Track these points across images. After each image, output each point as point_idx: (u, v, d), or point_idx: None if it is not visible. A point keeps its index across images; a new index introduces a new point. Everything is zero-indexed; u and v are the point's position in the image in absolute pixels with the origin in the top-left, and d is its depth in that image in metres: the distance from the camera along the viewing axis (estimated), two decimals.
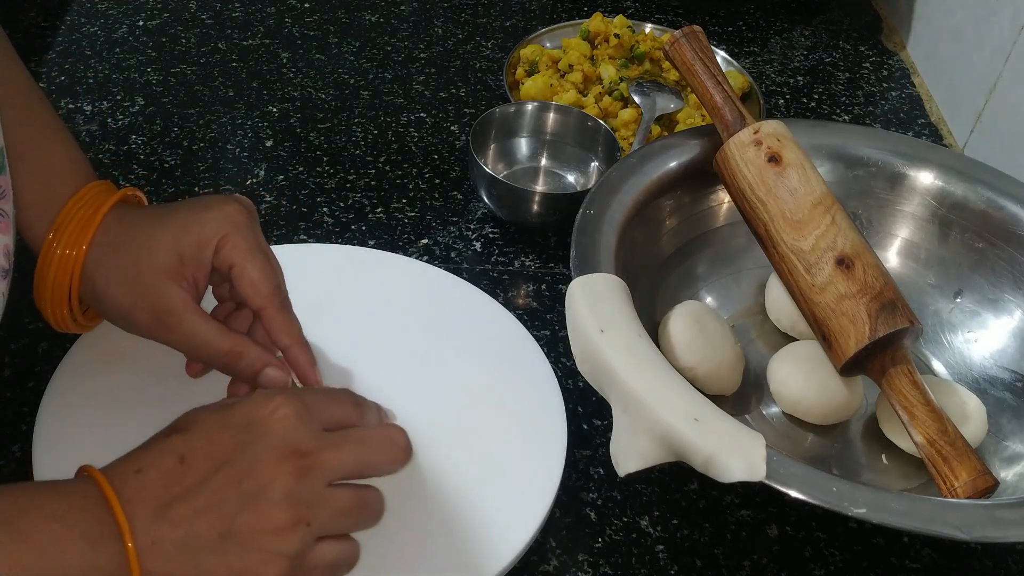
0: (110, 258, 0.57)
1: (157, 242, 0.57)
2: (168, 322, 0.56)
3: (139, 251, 0.57)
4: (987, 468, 0.61)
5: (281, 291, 0.58)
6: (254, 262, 0.57)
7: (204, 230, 0.57)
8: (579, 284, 0.62)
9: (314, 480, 0.48)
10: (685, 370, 0.66)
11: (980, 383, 0.71)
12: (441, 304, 0.72)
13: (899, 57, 1.11)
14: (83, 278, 0.58)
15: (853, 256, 0.65)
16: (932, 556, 0.64)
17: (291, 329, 0.58)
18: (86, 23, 1.02)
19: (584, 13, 1.07)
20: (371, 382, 0.65)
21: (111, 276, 0.57)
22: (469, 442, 0.63)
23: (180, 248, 0.56)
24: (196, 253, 0.56)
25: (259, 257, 0.57)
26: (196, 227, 0.57)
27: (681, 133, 0.78)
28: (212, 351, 0.57)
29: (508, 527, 0.59)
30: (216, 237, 0.56)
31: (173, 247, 0.56)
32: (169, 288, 0.56)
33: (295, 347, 0.58)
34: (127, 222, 0.59)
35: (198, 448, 0.47)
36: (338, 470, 0.49)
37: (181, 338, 0.57)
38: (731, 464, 0.53)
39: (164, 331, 0.57)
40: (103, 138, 0.88)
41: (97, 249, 0.58)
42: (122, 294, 0.57)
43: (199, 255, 0.56)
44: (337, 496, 0.49)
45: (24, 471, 0.59)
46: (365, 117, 0.94)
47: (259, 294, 0.57)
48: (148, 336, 0.58)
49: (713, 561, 0.62)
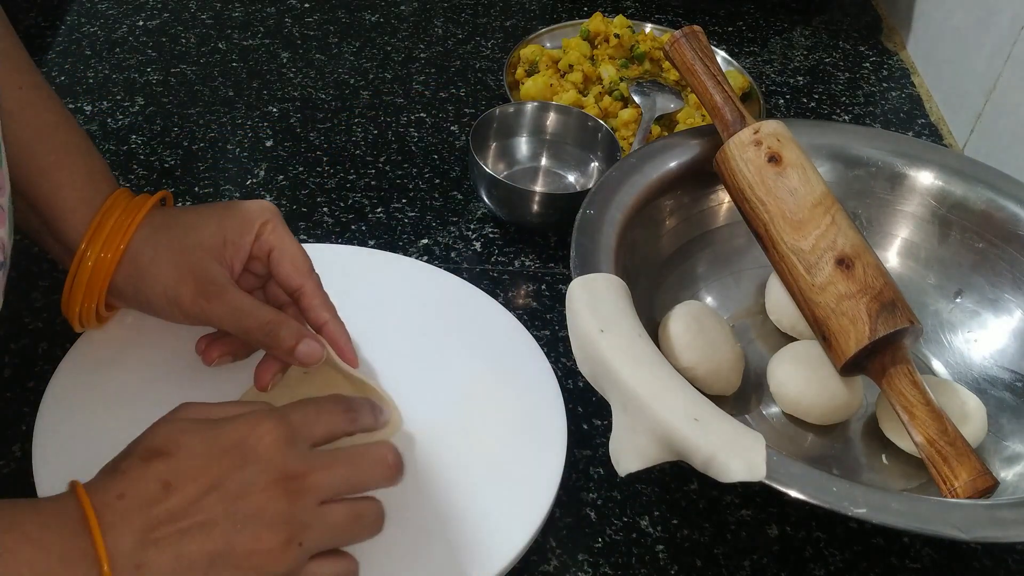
0: (157, 236, 0.60)
1: (204, 224, 0.61)
2: (212, 291, 0.59)
3: (187, 231, 0.61)
4: (987, 468, 0.61)
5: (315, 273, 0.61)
6: (293, 244, 0.61)
7: (247, 215, 0.61)
8: (579, 284, 0.62)
9: (305, 501, 0.48)
10: (685, 370, 0.66)
11: (980, 383, 0.71)
12: (441, 304, 0.72)
13: (899, 57, 1.11)
14: (124, 262, 0.60)
15: (853, 256, 0.65)
16: (932, 556, 0.64)
17: (329, 305, 0.61)
18: (86, 23, 1.02)
19: (584, 13, 1.07)
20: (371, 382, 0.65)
21: (159, 251, 0.60)
22: (469, 442, 0.63)
23: (224, 230, 0.60)
24: (238, 237, 0.60)
25: (295, 242, 0.62)
26: (240, 212, 0.61)
27: (681, 133, 0.78)
28: (254, 321, 0.58)
29: (508, 527, 0.59)
30: (259, 221, 0.61)
31: (218, 229, 0.60)
32: (212, 264, 0.60)
33: (333, 322, 0.61)
34: (170, 212, 0.62)
35: (184, 472, 0.47)
36: (328, 489, 0.49)
37: (224, 308, 0.59)
38: (731, 464, 0.53)
39: (208, 300, 0.59)
40: (103, 138, 0.88)
41: (143, 232, 0.61)
42: (169, 268, 0.60)
43: (241, 239, 0.60)
44: (329, 513, 0.49)
45: (24, 471, 0.59)
46: (365, 117, 0.94)
47: (299, 271, 0.61)
48: (190, 311, 0.60)
49: (713, 561, 0.62)
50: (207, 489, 0.47)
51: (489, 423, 0.64)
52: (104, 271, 0.60)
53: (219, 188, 0.85)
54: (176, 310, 0.60)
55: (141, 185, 0.84)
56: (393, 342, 0.68)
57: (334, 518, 0.49)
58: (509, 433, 0.64)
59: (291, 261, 0.61)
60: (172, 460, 0.47)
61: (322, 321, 0.60)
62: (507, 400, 0.66)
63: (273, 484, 0.47)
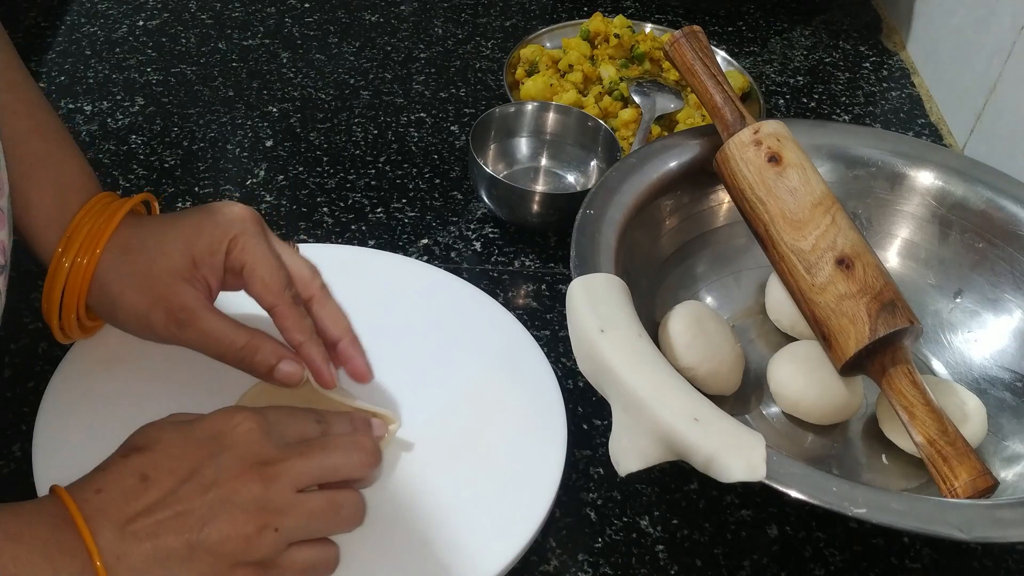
0: (123, 263, 0.58)
1: (169, 246, 0.58)
2: (184, 319, 0.57)
3: (152, 255, 0.58)
4: (987, 468, 0.61)
5: (292, 289, 0.58)
6: (264, 262, 0.57)
7: (215, 232, 0.58)
8: (579, 284, 0.62)
9: (281, 486, 0.48)
10: (685, 370, 0.66)
11: (980, 383, 0.71)
12: (441, 304, 0.72)
13: (899, 57, 1.11)
14: (94, 286, 0.59)
15: (853, 256, 0.65)
16: (932, 556, 0.64)
17: (302, 326, 0.58)
18: (86, 23, 1.02)
19: (584, 13, 1.07)
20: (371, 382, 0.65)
21: (126, 280, 0.58)
22: (469, 442, 0.63)
23: (192, 251, 0.57)
24: (208, 256, 0.57)
25: (269, 257, 0.58)
26: (207, 230, 0.58)
27: (681, 133, 0.78)
28: (228, 346, 0.57)
29: (508, 527, 0.59)
30: (227, 239, 0.57)
31: (185, 250, 0.57)
32: (183, 288, 0.57)
33: (308, 344, 0.58)
34: (138, 229, 0.59)
35: (161, 464, 0.48)
36: (304, 475, 0.49)
37: (197, 334, 0.57)
38: (731, 464, 0.53)
39: (180, 329, 0.57)
40: (103, 138, 0.88)
41: (110, 255, 0.58)
42: (138, 297, 0.58)
43: (211, 258, 0.57)
44: (306, 501, 0.49)
45: (24, 471, 0.59)
46: (365, 117, 0.94)
47: (269, 292, 0.57)
48: (164, 337, 0.59)
49: (713, 561, 0.62)
50: (183, 479, 0.47)
51: (489, 423, 0.64)
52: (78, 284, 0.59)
53: (219, 188, 0.85)
54: (152, 335, 0.59)
55: (141, 185, 0.84)
56: (393, 342, 0.68)
57: (311, 505, 0.49)
58: (509, 433, 0.64)
59: (261, 280, 0.57)
60: (150, 454, 0.48)
61: (296, 344, 0.58)
62: (507, 400, 0.66)
63: (248, 469, 0.48)
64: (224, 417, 0.50)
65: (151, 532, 0.46)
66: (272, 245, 0.59)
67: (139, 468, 0.48)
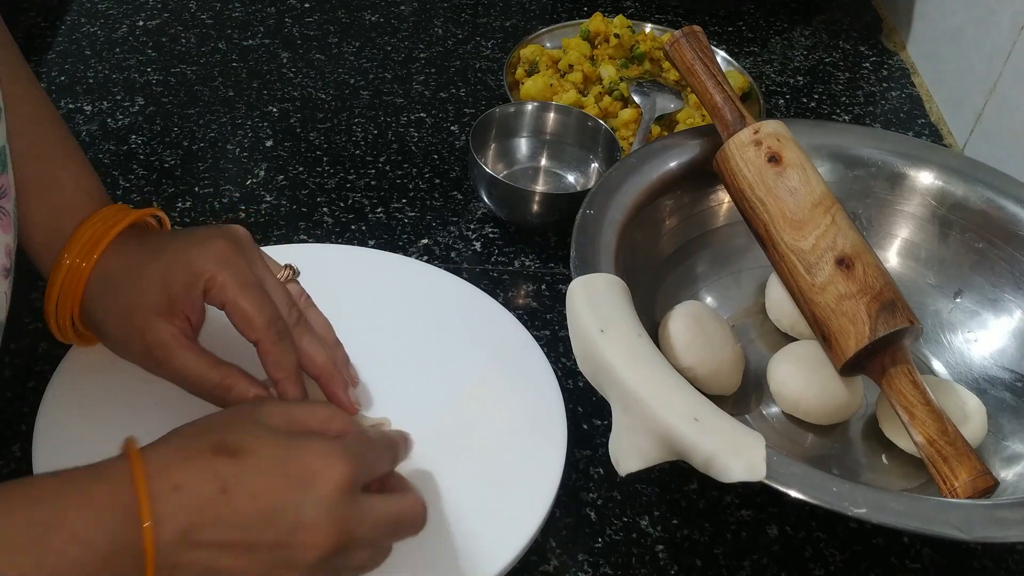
0: (105, 294, 0.58)
1: (147, 281, 0.57)
2: (158, 356, 0.57)
3: (131, 289, 0.57)
4: (987, 468, 0.61)
5: (277, 324, 0.57)
6: (245, 298, 0.56)
7: (190, 270, 0.56)
8: (579, 284, 0.62)
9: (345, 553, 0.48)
10: (685, 370, 0.66)
11: (980, 383, 0.71)
12: (441, 304, 0.72)
13: (899, 57, 1.11)
14: (83, 308, 0.59)
15: (853, 256, 0.65)
16: (932, 556, 0.64)
17: (284, 363, 0.57)
18: (86, 23, 1.02)
19: (584, 13, 1.07)
20: (371, 382, 0.65)
21: (107, 312, 0.58)
22: (469, 442, 0.63)
23: (168, 288, 0.56)
24: (185, 292, 0.56)
25: (250, 291, 0.56)
26: (183, 267, 0.56)
27: (681, 133, 0.78)
28: (202, 384, 0.57)
29: (508, 527, 0.59)
30: (203, 278, 0.56)
31: (162, 287, 0.56)
32: (159, 325, 0.56)
33: (285, 382, 0.57)
34: (125, 256, 0.59)
35: (245, 483, 0.46)
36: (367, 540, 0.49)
37: (171, 372, 0.57)
38: (731, 464, 0.53)
39: (155, 365, 0.58)
40: (103, 138, 0.89)
41: (96, 283, 0.58)
42: (117, 330, 0.58)
43: (189, 294, 0.56)
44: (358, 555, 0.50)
45: (24, 471, 0.59)
46: (365, 117, 0.94)
47: (252, 328, 0.56)
48: (145, 368, 0.59)
49: (713, 561, 0.62)
50: (261, 510, 0.46)
51: (489, 423, 0.64)
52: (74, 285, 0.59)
53: (219, 188, 0.85)
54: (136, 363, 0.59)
55: (141, 185, 0.84)
56: (393, 342, 0.68)
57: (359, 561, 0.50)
58: (509, 433, 0.64)
59: (241, 320, 0.56)
60: (238, 464, 0.46)
61: (275, 380, 0.57)
62: (507, 400, 0.66)
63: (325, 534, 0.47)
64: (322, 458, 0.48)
65: (212, 549, 0.45)
66: (256, 275, 0.58)
67: (223, 476, 0.46)
